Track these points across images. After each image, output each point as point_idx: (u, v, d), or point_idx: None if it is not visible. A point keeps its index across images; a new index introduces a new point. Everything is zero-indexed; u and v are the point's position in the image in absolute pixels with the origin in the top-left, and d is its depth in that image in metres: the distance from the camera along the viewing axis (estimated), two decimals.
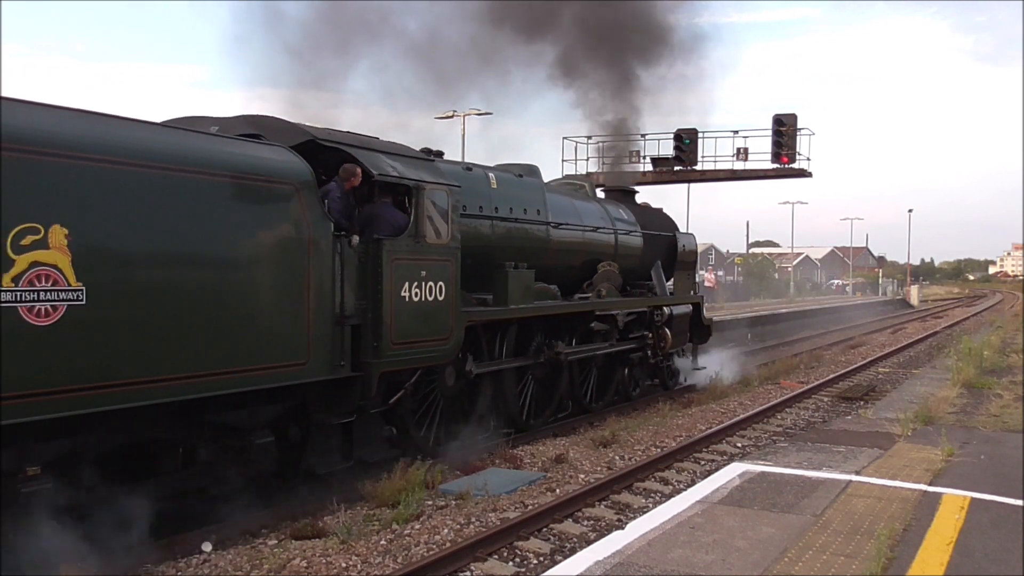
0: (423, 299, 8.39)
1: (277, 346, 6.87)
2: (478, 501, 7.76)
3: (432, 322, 8.53)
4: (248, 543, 6.86)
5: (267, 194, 6.87)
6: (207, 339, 6.31)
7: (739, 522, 6.11)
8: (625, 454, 9.92)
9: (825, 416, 12.48)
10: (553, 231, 11.68)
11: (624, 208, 14.47)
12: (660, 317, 13.97)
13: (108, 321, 5.63)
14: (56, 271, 5.35)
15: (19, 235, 5.17)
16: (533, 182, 11.84)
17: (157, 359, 5.97)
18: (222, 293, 6.48)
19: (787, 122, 24.41)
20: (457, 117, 33.85)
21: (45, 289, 5.29)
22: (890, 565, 5.18)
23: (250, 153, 6.94)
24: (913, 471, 7.63)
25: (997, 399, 11.86)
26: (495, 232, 10.45)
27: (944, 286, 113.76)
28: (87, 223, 5.52)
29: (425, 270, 8.44)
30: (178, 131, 6.73)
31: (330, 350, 7.37)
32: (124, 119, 6.25)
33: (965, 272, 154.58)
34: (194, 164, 6.32)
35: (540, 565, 6.28)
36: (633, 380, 13.98)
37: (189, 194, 6.25)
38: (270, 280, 6.83)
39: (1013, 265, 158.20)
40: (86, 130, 5.73)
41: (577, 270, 12.57)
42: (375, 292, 7.86)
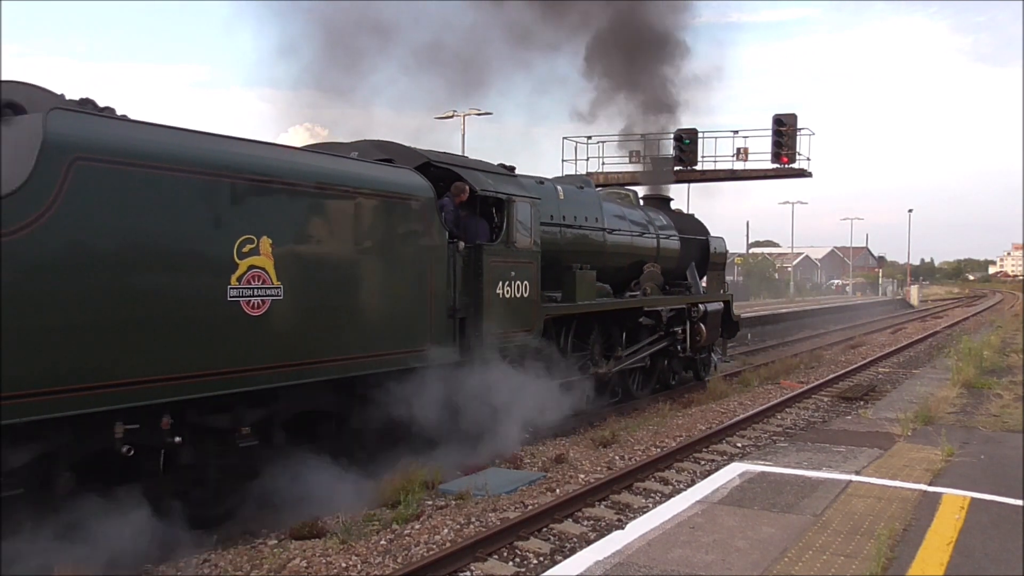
0: (513, 296, 9.86)
1: (408, 334, 8.36)
2: (478, 501, 7.76)
3: (520, 315, 9.99)
4: (248, 543, 6.87)
5: (403, 209, 8.37)
6: (359, 328, 7.76)
7: (739, 522, 6.11)
8: (625, 454, 9.92)
9: (825, 416, 12.48)
10: (608, 236, 13.17)
11: (663, 214, 15.90)
12: (697, 313, 15.18)
13: (296, 313, 7.03)
14: (264, 272, 6.77)
15: (241, 244, 6.57)
16: (592, 192, 13.55)
17: (327, 344, 7.41)
18: (370, 290, 7.94)
19: (787, 122, 24.40)
20: (457, 117, 33.86)
21: (257, 287, 6.71)
22: (890, 565, 5.17)
23: (390, 176, 8.46)
24: (913, 471, 7.63)
25: (997, 399, 11.85)
26: (563, 238, 11.89)
27: (944, 286, 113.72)
28: (283, 234, 6.95)
29: (514, 271, 9.91)
30: (343, 159, 8.20)
31: (444, 338, 8.83)
32: (308, 151, 8.07)
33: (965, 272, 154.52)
34: (355, 185, 7.85)
35: (540, 565, 6.28)
36: (672, 371, 15.25)
37: (351, 209, 7.75)
38: (403, 279, 8.32)
39: (1013, 265, 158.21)
40: (283, 160, 7.19)
41: (626, 271, 13.94)
42: (477, 289, 9.31)
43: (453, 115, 33.72)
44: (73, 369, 5.51)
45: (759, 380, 16.24)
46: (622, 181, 24.44)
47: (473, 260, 9.31)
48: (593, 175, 25.14)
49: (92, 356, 5.63)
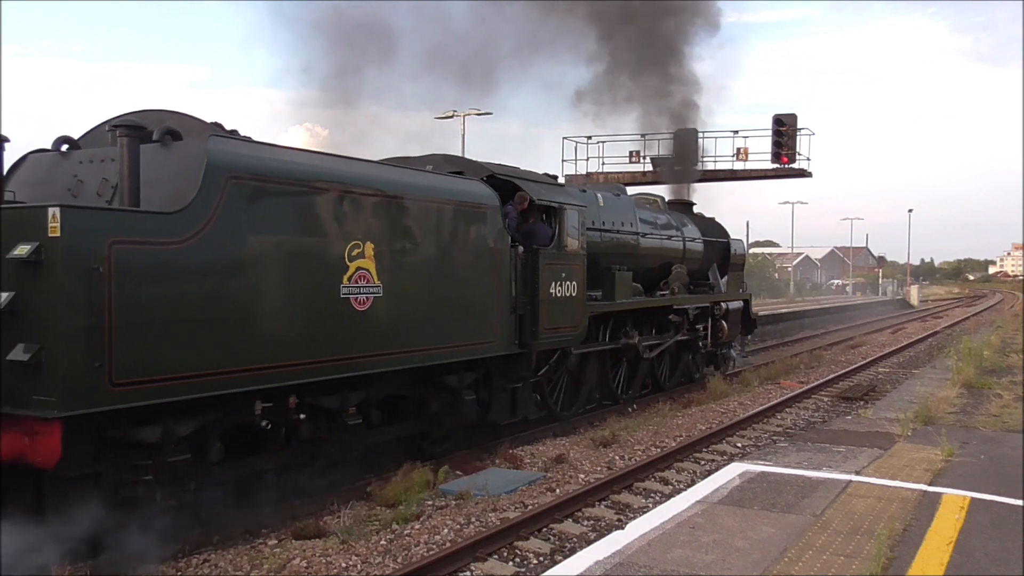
0: (563, 295, 10.77)
1: (477, 328, 9.39)
2: (478, 501, 7.76)
3: (569, 313, 10.91)
4: (248, 543, 6.87)
5: (476, 216, 9.36)
6: (438, 322, 8.71)
7: (739, 522, 6.11)
8: (625, 454, 9.92)
9: (825, 416, 12.48)
10: (641, 240, 14.14)
11: (687, 217, 16.85)
12: (719, 311, 16.37)
13: (392, 308, 8.05)
14: (368, 273, 7.76)
15: (351, 248, 7.59)
16: (626, 199, 14.62)
17: (415, 336, 8.41)
18: (448, 288, 8.92)
19: (787, 122, 24.39)
20: (457, 117, 33.85)
21: (363, 286, 7.72)
22: (890, 565, 5.17)
23: (465, 187, 9.48)
24: (913, 471, 7.63)
25: (997, 399, 11.85)
26: (603, 241, 12.80)
27: (944, 286, 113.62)
28: (382, 239, 7.96)
29: (564, 272, 10.82)
30: (428, 173, 9.29)
31: (507, 333, 9.87)
32: (400, 167, 9.05)
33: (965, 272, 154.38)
34: (439, 196, 8.86)
35: (540, 565, 6.28)
36: (696, 365, 16.24)
37: (434, 217, 8.75)
38: (476, 279, 9.33)
39: (1013, 265, 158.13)
40: (382, 175, 8.33)
41: (656, 271, 14.90)
42: (533, 289, 10.23)
43: (453, 115, 33.72)
44: (224, 355, 6.50)
45: (759, 380, 16.23)
46: (622, 181, 24.45)
47: (530, 262, 10.27)
48: (593, 175, 25.16)
49: (238, 345, 6.62)
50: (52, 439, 5.62)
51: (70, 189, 7.08)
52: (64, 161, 7.36)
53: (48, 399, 5.57)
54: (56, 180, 7.21)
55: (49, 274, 5.59)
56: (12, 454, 5.64)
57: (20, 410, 5.65)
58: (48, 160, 7.48)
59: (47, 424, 5.60)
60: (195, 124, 7.01)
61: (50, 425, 5.59)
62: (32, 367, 5.57)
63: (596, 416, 12.52)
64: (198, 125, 6.98)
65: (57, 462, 5.66)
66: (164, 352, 6.07)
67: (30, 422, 5.65)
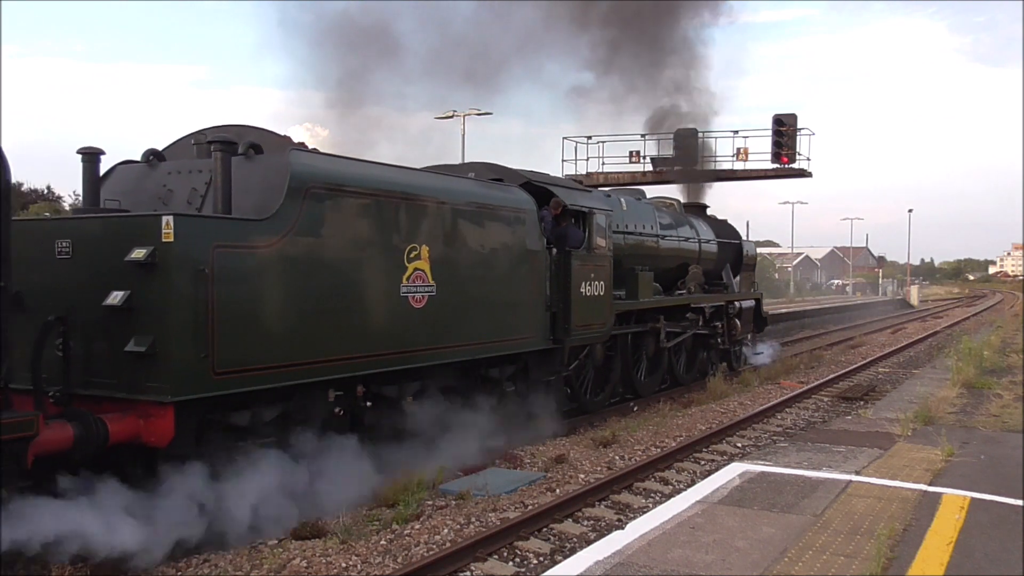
0: (592, 294, 11.51)
1: (517, 324, 10.17)
2: (478, 501, 7.76)
3: (597, 310, 11.68)
4: (248, 543, 6.86)
5: (516, 220, 10.14)
6: (483, 318, 9.51)
7: (739, 522, 6.11)
8: (625, 454, 9.92)
9: (825, 416, 12.48)
10: (661, 242, 14.99)
11: (702, 220, 17.66)
12: (733, 310, 17.24)
13: (444, 306, 8.79)
14: (424, 274, 8.52)
15: (409, 251, 8.34)
16: (647, 203, 15.63)
17: (463, 331, 9.19)
18: (492, 287, 9.68)
19: (787, 122, 24.39)
20: (457, 117, 33.85)
21: (419, 286, 8.49)
22: (890, 565, 5.17)
23: (506, 193, 10.29)
24: (913, 471, 7.63)
25: (997, 399, 11.85)
26: (626, 243, 13.54)
27: (944, 286, 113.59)
28: (436, 242, 8.71)
29: (593, 272, 11.55)
30: (475, 181, 10.11)
31: (543, 329, 10.69)
32: (450, 176, 9.84)
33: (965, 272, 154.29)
34: (484, 202, 9.64)
35: (540, 565, 6.28)
36: (710, 361, 16.95)
37: (480, 221, 9.51)
38: (516, 279, 10.12)
39: (1013, 265, 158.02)
40: (436, 183, 9.13)
41: (673, 271, 15.64)
42: (565, 288, 10.99)
43: (453, 115, 33.72)
44: (304, 348, 7.21)
45: (759, 380, 16.23)
46: (621, 181, 24.45)
47: (563, 264, 11.02)
48: (593, 175, 25.16)
49: (316, 339, 7.33)
50: (166, 421, 6.30)
51: (160, 197, 7.77)
52: (152, 172, 8.04)
53: (162, 386, 6.26)
54: (146, 189, 7.91)
55: (162, 275, 6.28)
56: (129, 434, 6.33)
57: (136, 395, 6.35)
58: (136, 171, 8.15)
59: (161, 408, 6.29)
60: (273, 138, 7.83)
61: (164, 409, 6.29)
62: (147, 357, 6.26)
63: (596, 416, 12.52)
64: (276, 139, 7.80)
65: (170, 442, 6.33)
66: (255, 345, 6.80)
67: (145, 406, 6.36)
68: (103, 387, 6.48)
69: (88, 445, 6.08)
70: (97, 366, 6.51)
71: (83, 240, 6.68)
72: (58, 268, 6.71)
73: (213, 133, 7.75)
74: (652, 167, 25.26)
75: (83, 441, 6.06)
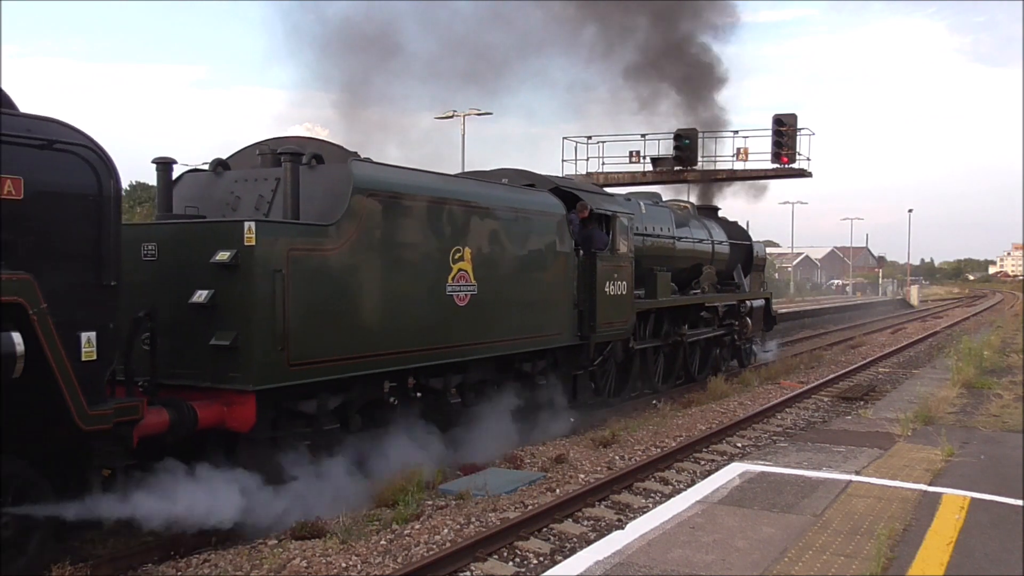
0: (615, 293, 12.21)
1: (548, 321, 10.86)
2: (478, 501, 7.76)
3: (620, 309, 12.42)
4: (248, 543, 6.86)
5: (548, 224, 10.86)
6: (519, 316, 10.15)
7: (739, 522, 6.11)
8: (625, 454, 9.92)
9: (825, 416, 12.48)
10: (677, 243, 15.68)
11: (714, 222, 18.30)
12: (744, 309, 18.05)
13: (485, 304, 9.46)
14: (467, 274, 9.17)
15: (454, 253, 9.00)
16: (664, 206, 16.30)
17: (501, 328, 9.82)
18: (526, 286, 10.33)
19: (787, 122, 24.34)
20: (457, 117, 33.83)
21: (463, 285, 9.14)
22: (890, 565, 5.18)
23: (539, 198, 11.03)
24: (913, 471, 7.63)
25: (997, 399, 11.85)
26: (644, 245, 14.11)
27: (944, 286, 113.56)
28: (477, 244, 9.41)
29: (616, 273, 12.26)
30: (511, 187, 10.85)
31: (571, 326, 11.37)
32: (489, 183, 10.59)
33: (965, 272, 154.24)
34: (519, 207, 10.34)
35: (540, 565, 6.28)
36: (723, 358, 17.76)
37: (516, 225, 10.18)
38: (547, 279, 10.78)
39: (1013, 265, 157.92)
40: (476, 190, 9.86)
41: (688, 272, 16.29)
42: (591, 287, 11.68)
43: (453, 115, 33.70)
44: (364, 343, 7.88)
45: (759, 380, 16.23)
46: (622, 181, 24.45)
47: (589, 264, 11.70)
48: (593, 175, 25.14)
49: (374, 334, 8.00)
50: (247, 409, 6.92)
51: (228, 203, 8.34)
52: (218, 179, 8.65)
53: (244, 376, 6.87)
54: (214, 196, 8.46)
55: (244, 275, 6.89)
56: (215, 420, 6.90)
57: (221, 385, 6.93)
58: (203, 178, 8.76)
59: (243, 396, 6.90)
60: (333, 149, 8.52)
61: (246, 397, 6.90)
62: (230, 350, 6.85)
63: (596, 417, 12.53)
64: (336, 150, 8.48)
65: (251, 427, 6.95)
66: (322, 339, 7.45)
67: (229, 394, 6.95)
68: (188, 377, 7.05)
69: (181, 429, 6.67)
70: (181, 358, 7.08)
71: (168, 243, 7.25)
72: (144, 269, 7.20)
73: (276, 144, 8.40)
74: (652, 167, 25.24)
75: (177, 425, 6.65)
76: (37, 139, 5.59)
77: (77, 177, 5.83)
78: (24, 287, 5.32)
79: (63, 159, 5.74)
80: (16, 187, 5.43)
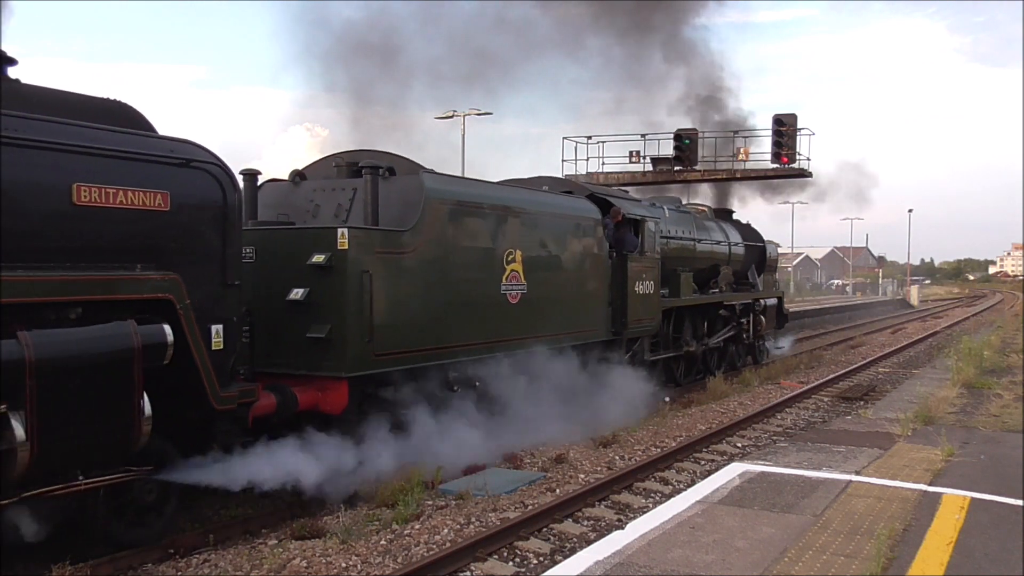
0: (644, 292, 13.18)
1: (587, 318, 11.86)
2: (478, 501, 7.76)
3: (648, 307, 13.44)
4: (248, 543, 6.86)
5: (586, 228, 11.86)
6: (562, 312, 11.15)
7: (739, 522, 6.11)
8: (625, 454, 9.92)
9: (825, 416, 12.48)
10: (698, 245, 16.67)
11: (730, 224, 19.28)
12: (759, 307, 18.99)
13: (534, 302, 10.46)
14: (518, 274, 10.16)
15: (507, 255, 10.03)
16: (685, 210, 17.37)
17: (547, 323, 10.77)
18: (568, 285, 11.33)
19: (787, 122, 24.31)
20: (457, 117, 33.82)
21: (514, 284, 10.14)
22: (890, 565, 5.18)
23: (578, 204, 12.02)
24: (913, 471, 7.63)
25: (997, 399, 11.85)
26: (668, 247, 15.00)
27: (944, 286, 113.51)
28: (526, 246, 10.42)
29: (645, 273, 13.24)
30: (555, 195, 11.88)
31: (606, 322, 12.38)
32: (535, 191, 11.65)
33: (965, 272, 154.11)
34: (563, 211, 11.46)
35: (540, 565, 6.27)
36: (738, 354, 18.64)
37: (559, 229, 11.21)
38: (586, 279, 11.80)
39: (1013, 265, 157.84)
40: (526, 196, 10.93)
41: (707, 272, 17.20)
42: (623, 287, 12.66)
43: (453, 115, 33.69)
44: (433, 336, 8.86)
45: (759, 380, 16.23)
46: (622, 181, 24.44)
47: (621, 265, 12.64)
48: (593, 175, 25.13)
49: (440, 328, 8.95)
50: (340, 393, 7.89)
51: (308, 211, 9.33)
52: (297, 189, 9.67)
53: (338, 364, 7.82)
54: (295, 204, 9.47)
55: (337, 275, 7.82)
56: (311, 403, 7.84)
57: (316, 372, 7.88)
58: (283, 188, 9.74)
59: (337, 382, 7.88)
60: (402, 162, 9.44)
61: (339, 383, 7.88)
62: (325, 342, 7.78)
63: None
64: (404, 162, 9.41)
65: (343, 409, 7.90)
66: (400, 333, 8.39)
67: (323, 381, 7.90)
68: (284, 366, 7.93)
69: (285, 410, 7.62)
70: (278, 349, 7.96)
71: (265, 247, 8.06)
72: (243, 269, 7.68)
73: (350, 158, 9.53)
74: (652, 167, 25.22)
75: (282, 407, 7.60)
76: (178, 158, 6.49)
77: (208, 191, 6.70)
78: (173, 285, 6.23)
79: (198, 175, 6.62)
80: (164, 200, 6.32)
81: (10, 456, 5.33)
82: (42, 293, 5.55)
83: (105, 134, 6.07)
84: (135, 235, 6.16)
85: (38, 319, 5.53)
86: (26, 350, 5.28)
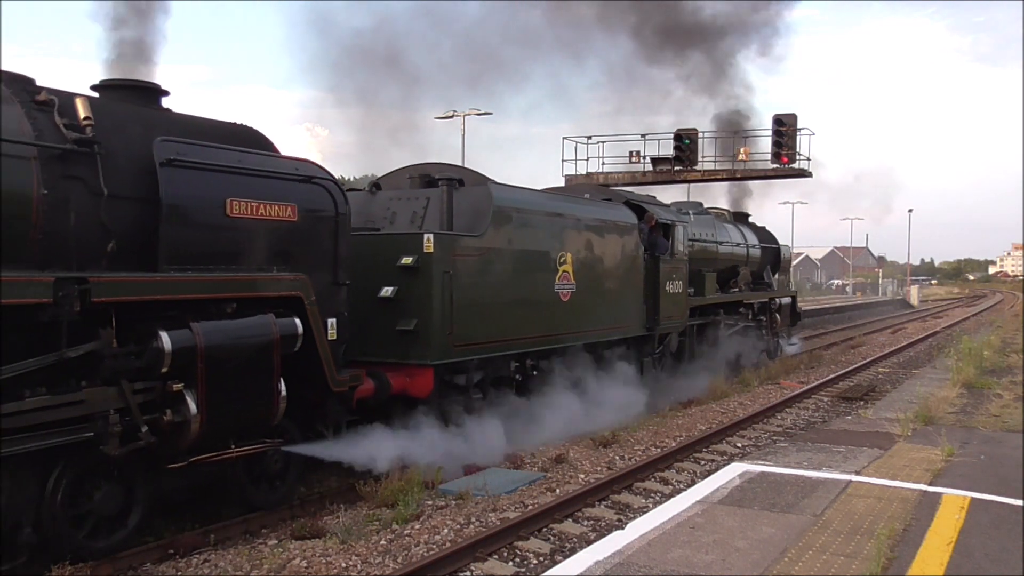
0: (674, 291, 14.23)
1: (625, 314, 12.85)
2: (478, 501, 7.76)
3: (678, 305, 14.49)
4: (248, 543, 6.86)
5: (626, 232, 12.91)
6: (606, 309, 12.20)
7: (739, 522, 6.11)
8: (625, 454, 9.92)
9: (825, 416, 12.48)
10: (720, 247, 17.72)
11: (746, 227, 20.31)
12: (774, 305, 20.05)
13: (582, 300, 11.46)
14: (568, 274, 11.17)
15: (559, 257, 11.03)
16: (708, 213, 18.46)
17: (594, 320, 11.83)
18: (610, 284, 12.34)
19: (787, 122, 24.26)
20: (457, 117, 33.82)
21: (566, 284, 11.14)
22: (890, 565, 5.18)
23: (618, 211, 13.05)
24: (913, 471, 7.63)
25: (997, 399, 11.85)
26: (693, 249, 15.84)
27: (944, 286, 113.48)
28: (576, 249, 11.43)
29: (675, 273, 14.31)
30: (598, 202, 13.01)
31: (640, 319, 13.35)
32: (581, 199, 12.73)
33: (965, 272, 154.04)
34: (605, 218, 12.43)
35: (540, 565, 6.28)
36: (756, 350, 19.10)
37: (604, 233, 12.26)
38: (624, 278, 12.77)
39: (1013, 265, 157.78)
40: (575, 204, 12.04)
41: (727, 272, 18.22)
42: (655, 286, 13.68)
43: (453, 115, 33.69)
44: (499, 330, 9.86)
45: (759, 380, 16.23)
46: (622, 181, 24.41)
47: (654, 266, 13.64)
48: (593, 175, 25.11)
49: (505, 323, 9.97)
50: (427, 379, 8.91)
51: (386, 218, 10.30)
52: (374, 198, 10.67)
53: (424, 353, 8.88)
54: (373, 212, 10.42)
55: (423, 275, 8.86)
56: (401, 388, 8.82)
57: (404, 361, 8.90)
58: (362, 197, 10.64)
59: (423, 369, 8.89)
60: (468, 173, 10.60)
61: (426, 370, 8.89)
62: (412, 334, 8.84)
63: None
64: (470, 174, 10.56)
65: (428, 394, 8.90)
66: (473, 326, 9.39)
67: (411, 368, 8.90)
68: (376, 355, 8.82)
69: (381, 394, 8.58)
70: (370, 340, 8.81)
71: (358, 250, 8.56)
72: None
73: (423, 170, 10.60)
74: (652, 167, 25.18)
75: (379, 391, 8.56)
76: (302, 175, 7.61)
77: (324, 203, 7.76)
78: (303, 284, 7.28)
79: (317, 190, 7.71)
80: (293, 211, 7.36)
81: (184, 427, 6.28)
82: (205, 290, 6.54)
83: (248, 156, 7.15)
84: (272, 241, 7.22)
85: (204, 312, 6.47)
86: (197, 338, 6.26)
